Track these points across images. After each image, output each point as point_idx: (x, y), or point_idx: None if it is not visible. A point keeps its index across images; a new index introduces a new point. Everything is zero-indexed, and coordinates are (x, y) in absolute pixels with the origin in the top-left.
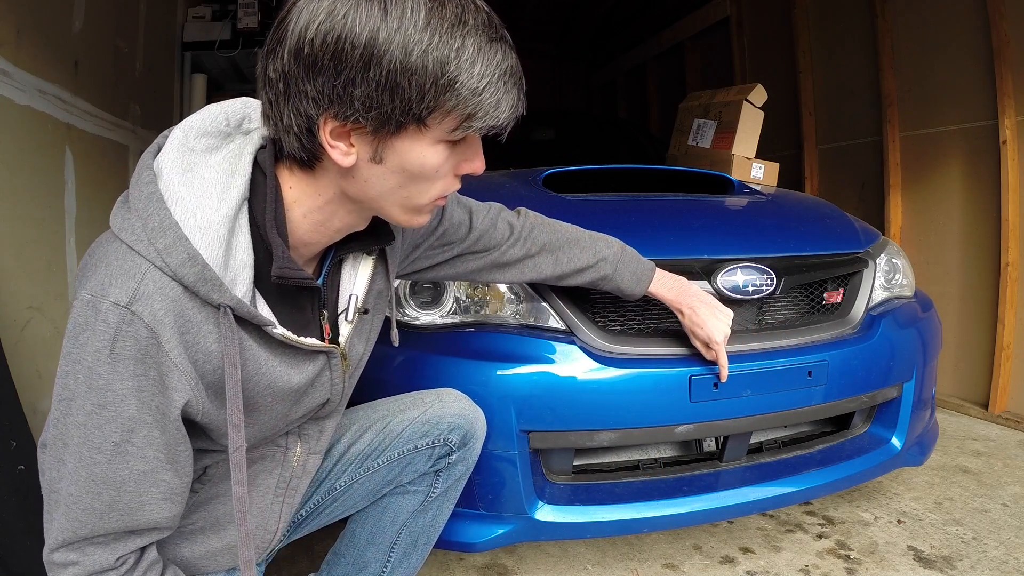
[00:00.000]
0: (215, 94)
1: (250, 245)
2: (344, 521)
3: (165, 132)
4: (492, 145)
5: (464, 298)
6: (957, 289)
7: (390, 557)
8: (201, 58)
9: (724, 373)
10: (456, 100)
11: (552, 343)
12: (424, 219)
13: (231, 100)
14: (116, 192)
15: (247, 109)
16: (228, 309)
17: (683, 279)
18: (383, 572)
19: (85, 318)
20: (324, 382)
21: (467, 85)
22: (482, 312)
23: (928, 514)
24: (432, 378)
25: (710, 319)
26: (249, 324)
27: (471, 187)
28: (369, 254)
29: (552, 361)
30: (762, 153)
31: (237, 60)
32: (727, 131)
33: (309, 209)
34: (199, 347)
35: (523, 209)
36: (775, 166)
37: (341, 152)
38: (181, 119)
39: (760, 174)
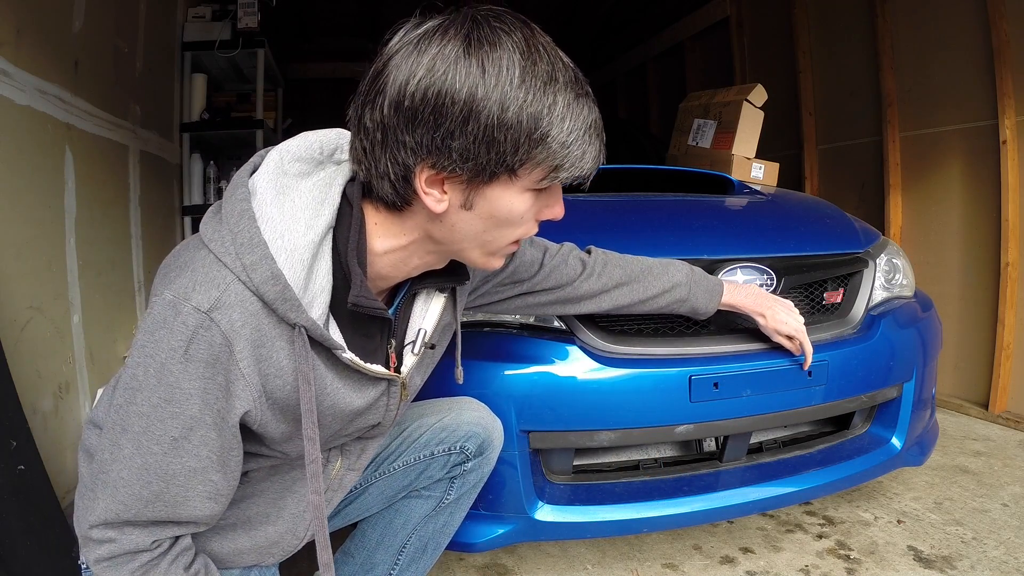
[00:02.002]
0: (215, 94)
1: (330, 271)
2: (354, 523)
3: (261, 152)
4: None
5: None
6: (957, 289)
7: (398, 560)
8: (201, 58)
9: (810, 359)
10: (547, 153)
11: (552, 343)
12: (500, 262)
13: (327, 130)
14: (116, 192)
15: (340, 140)
16: (303, 329)
17: (750, 286)
18: (390, 574)
19: (164, 317)
20: (380, 407)
21: (557, 139)
22: (482, 312)
23: (928, 514)
24: (432, 378)
25: (787, 316)
26: (320, 346)
27: None
28: (442, 291)
29: (552, 361)
30: (762, 153)
31: (237, 60)
32: (727, 131)
33: (391, 246)
34: (271, 361)
35: (593, 247)
36: (775, 166)
37: (435, 199)
38: (181, 119)
39: (760, 174)
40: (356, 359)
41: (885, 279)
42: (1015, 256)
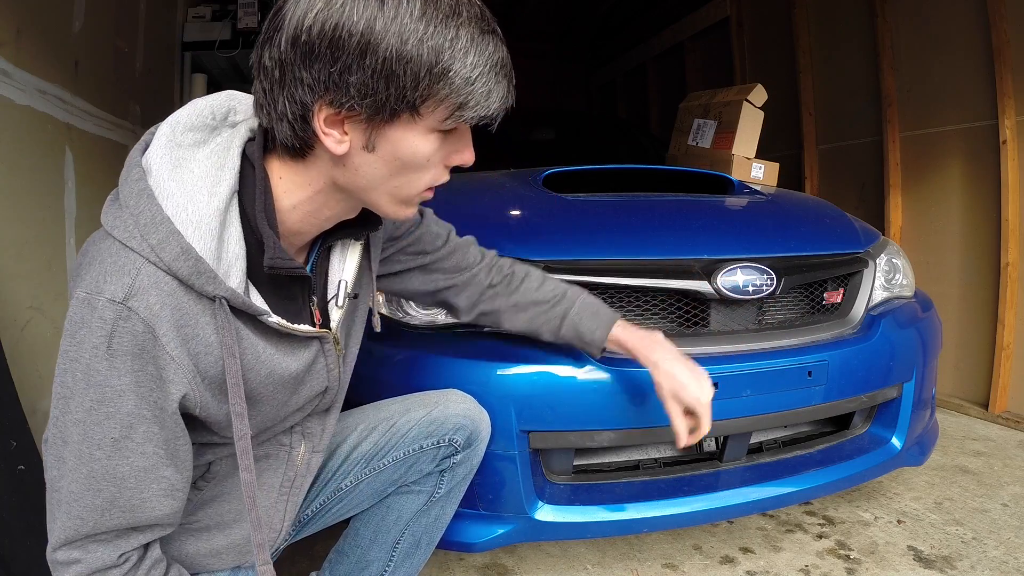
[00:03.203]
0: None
1: (241, 237)
2: (347, 520)
3: (152, 129)
4: (492, 145)
5: None
6: (957, 289)
7: (392, 556)
8: (201, 58)
9: (700, 435)
10: (449, 89)
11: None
12: (411, 211)
13: (216, 94)
14: None
15: (232, 102)
16: (223, 300)
17: (657, 333)
18: (385, 571)
19: (82, 316)
20: (320, 369)
21: (460, 74)
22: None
23: (928, 514)
24: (432, 378)
25: (693, 380)
26: (244, 314)
27: (472, 187)
28: (357, 240)
29: (552, 361)
30: (762, 153)
31: (237, 60)
32: (727, 131)
33: (299, 200)
34: (198, 339)
35: (493, 251)
36: (775, 166)
37: (335, 140)
38: None
39: (760, 174)
40: (283, 322)
41: (885, 279)
42: (1015, 256)
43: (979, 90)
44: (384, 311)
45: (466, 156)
